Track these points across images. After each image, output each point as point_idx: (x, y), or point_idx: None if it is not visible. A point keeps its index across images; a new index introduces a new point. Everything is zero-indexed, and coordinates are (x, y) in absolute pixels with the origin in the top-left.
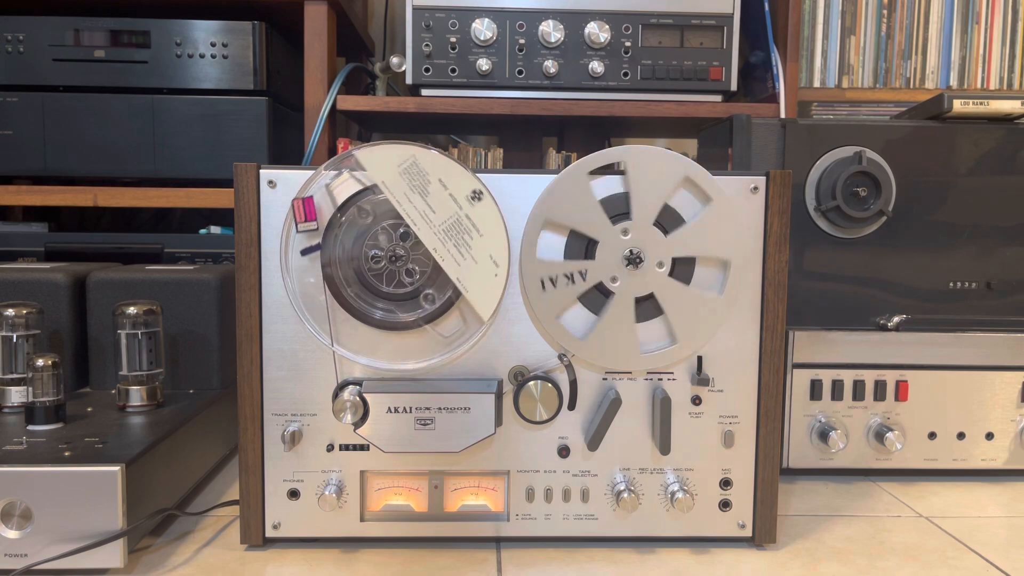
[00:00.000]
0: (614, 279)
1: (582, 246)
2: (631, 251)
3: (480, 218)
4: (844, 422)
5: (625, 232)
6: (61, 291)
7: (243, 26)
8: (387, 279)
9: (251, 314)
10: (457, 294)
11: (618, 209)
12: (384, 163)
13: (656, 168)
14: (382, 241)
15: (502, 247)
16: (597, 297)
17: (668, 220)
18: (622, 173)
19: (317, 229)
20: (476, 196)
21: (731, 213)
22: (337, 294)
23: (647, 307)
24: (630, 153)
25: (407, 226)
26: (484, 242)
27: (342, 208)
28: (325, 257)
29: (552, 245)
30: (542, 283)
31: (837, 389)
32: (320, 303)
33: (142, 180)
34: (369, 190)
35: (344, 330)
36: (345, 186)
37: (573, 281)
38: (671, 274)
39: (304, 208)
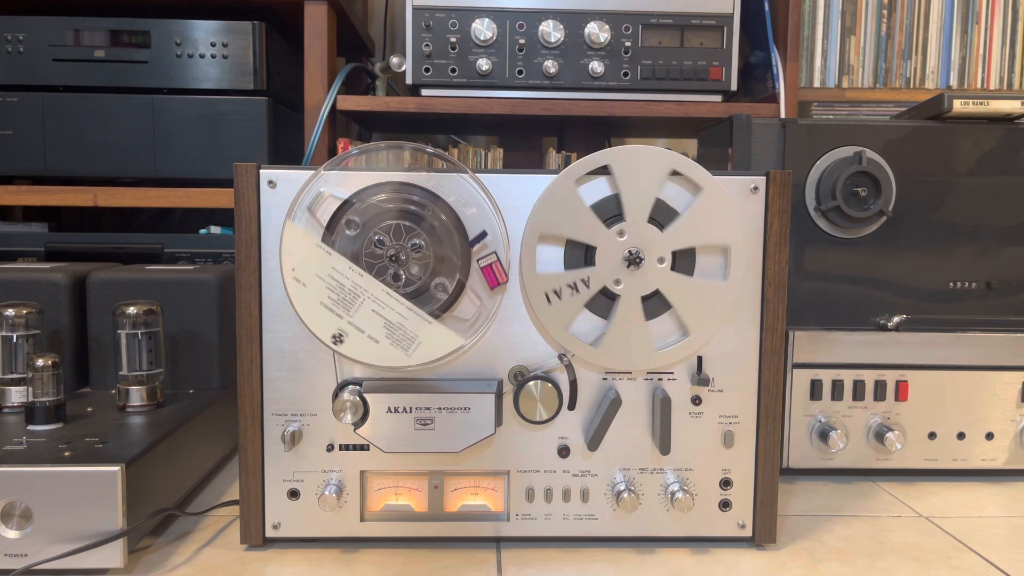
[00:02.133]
0: (617, 282)
1: (581, 254)
2: (630, 251)
3: None
4: (844, 422)
5: (621, 233)
6: (61, 291)
7: (243, 26)
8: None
9: (251, 314)
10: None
11: (611, 212)
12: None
13: (641, 165)
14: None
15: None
16: (603, 302)
17: (662, 215)
18: (608, 175)
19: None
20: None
21: (723, 199)
22: None
23: (655, 304)
24: (613, 155)
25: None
26: None
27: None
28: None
29: (551, 257)
30: (547, 297)
31: (837, 389)
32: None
33: (142, 180)
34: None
35: None
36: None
37: (577, 290)
38: (673, 268)
39: (494, 272)
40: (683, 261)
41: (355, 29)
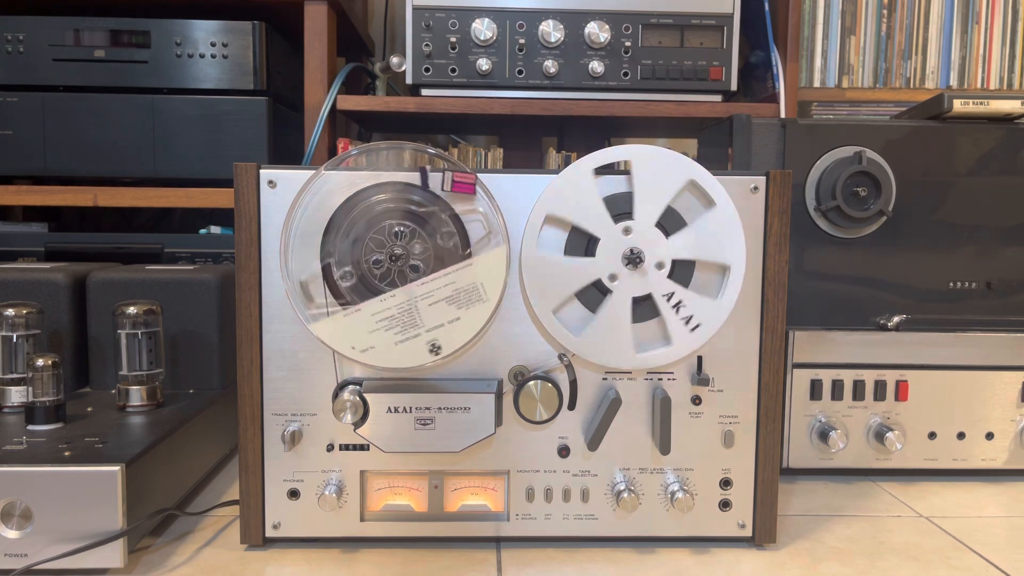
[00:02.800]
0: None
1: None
2: (631, 250)
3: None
4: (844, 422)
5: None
6: (61, 291)
7: (243, 26)
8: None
9: (251, 314)
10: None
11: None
12: None
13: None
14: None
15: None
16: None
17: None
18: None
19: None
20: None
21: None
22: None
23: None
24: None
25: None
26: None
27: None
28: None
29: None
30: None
31: (837, 389)
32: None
33: (142, 180)
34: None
35: None
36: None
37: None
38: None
39: (461, 181)
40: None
41: (355, 29)
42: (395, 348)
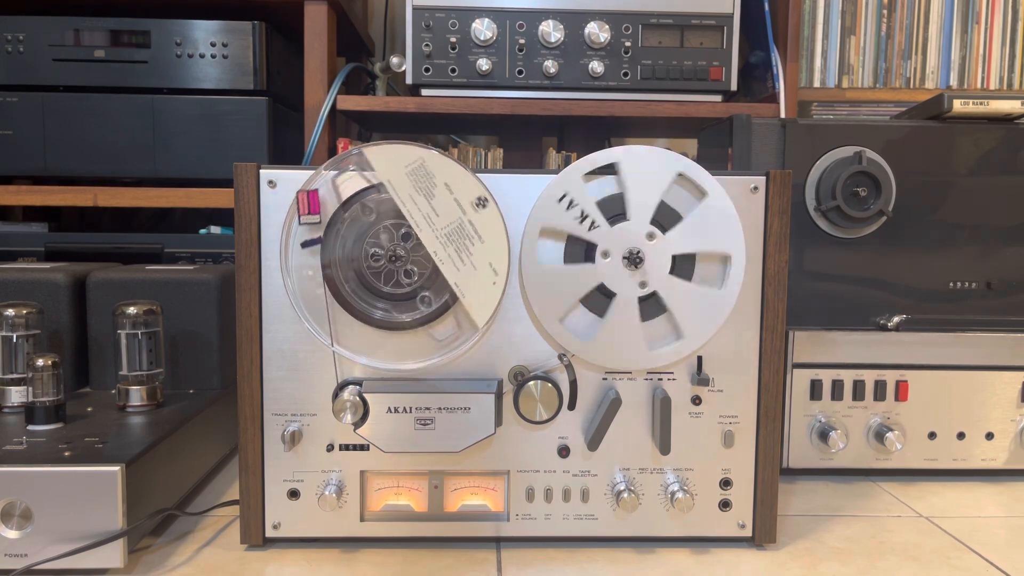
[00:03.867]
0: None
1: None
2: (630, 251)
3: (483, 225)
4: (844, 422)
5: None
6: (61, 291)
7: (243, 26)
8: (386, 278)
9: (251, 314)
10: (454, 299)
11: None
12: (392, 163)
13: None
14: (383, 240)
15: (503, 256)
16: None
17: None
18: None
19: (320, 223)
20: (481, 203)
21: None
22: (337, 293)
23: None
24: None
25: (409, 227)
26: (485, 249)
27: (346, 204)
28: (326, 256)
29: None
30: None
31: (837, 389)
32: (320, 303)
33: (142, 180)
34: (374, 188)
35: (344, 330)
36: (351, 182)
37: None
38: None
39: (308, 200)
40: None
41: (355, 29)
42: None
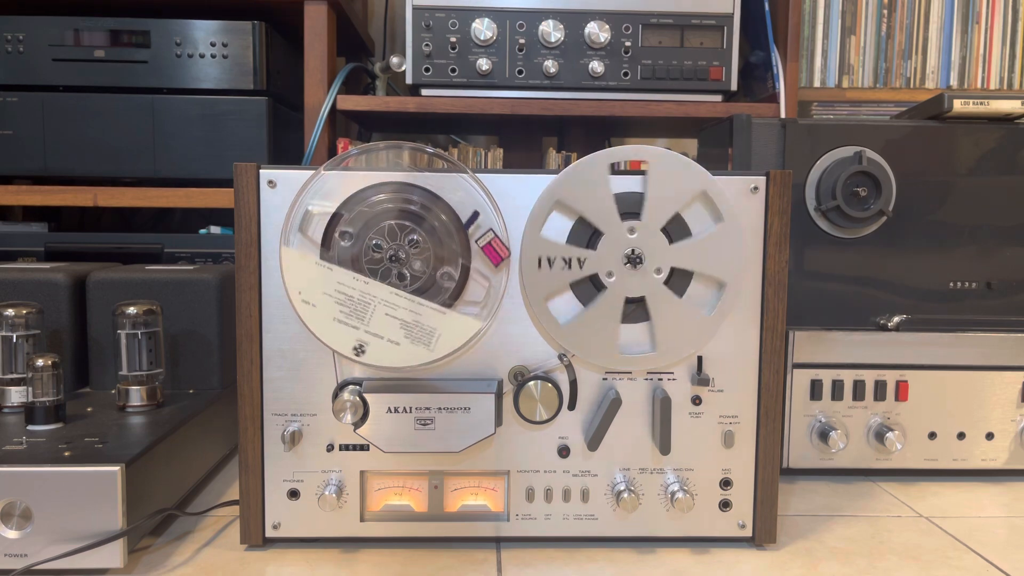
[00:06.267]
0: (610, 274)
1: (587, 235)
2: (633, 250)
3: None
4: (844, 422)
5: (632, 231)
6: (61, 291)
7: (243, 26)
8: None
9: (251, 314)
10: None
11: (630, 207)
12: None
13: (677, 176)
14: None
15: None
16: (589, 289)
17: (676, 229)
18: (641, 173)
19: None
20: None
21: (737, 236)
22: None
23: (635, 310)
24: (655, 155)
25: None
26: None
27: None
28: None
29: (558, 228)
30: (539, 262)
31: (837, 389)
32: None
33: (142, 180)
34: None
35: None
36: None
37: (569, 267)
38: (667, 283)
39: (495, 248)
40: (678, 280)
41: (355, 29)
42: (329, 322)
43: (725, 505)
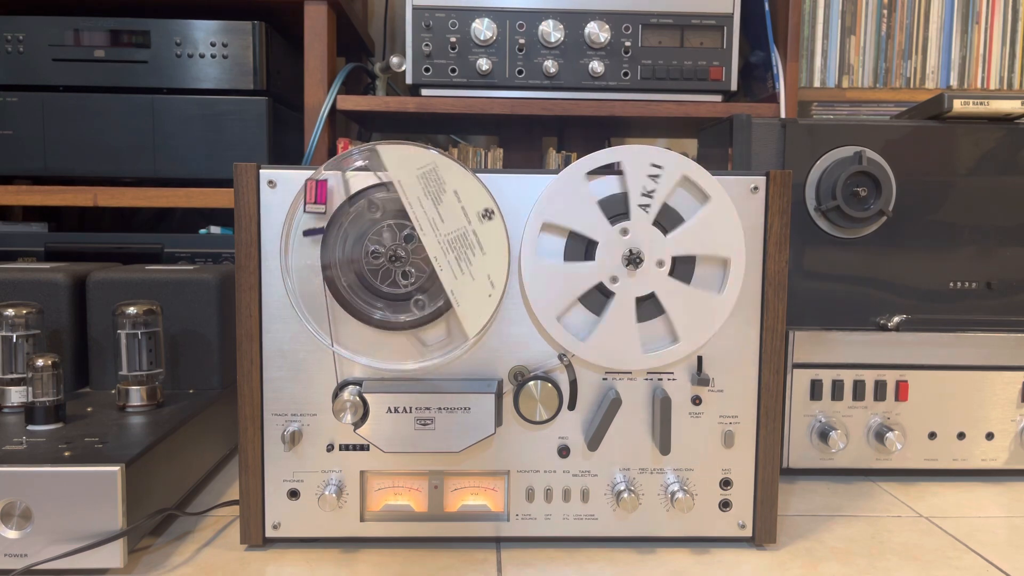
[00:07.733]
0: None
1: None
2: (630, 251)
3: (486, 237)
4: (844, 422)
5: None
6: (61, 291)
7: (243, 26)
8: (383, 277)
9: (251, 314)
10: (448, 306)
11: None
12: (404, 163)
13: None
14: (385, 239)
15: (502, 270)
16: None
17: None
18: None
19: (324, 213)
20: (487, 215)
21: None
22: (336, 293)
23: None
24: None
25: (412, 229)
26: (486, 261)
27: (353, 199)
28: (326, 255)
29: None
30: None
31: (837, 389)
32: (320, 303)
33: (142, 180)
34: (383, 186)
35: (344, 330)
36: (360, 178)
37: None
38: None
39: (316, 189)
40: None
41: (355, 29)
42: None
43: (725, 505)
